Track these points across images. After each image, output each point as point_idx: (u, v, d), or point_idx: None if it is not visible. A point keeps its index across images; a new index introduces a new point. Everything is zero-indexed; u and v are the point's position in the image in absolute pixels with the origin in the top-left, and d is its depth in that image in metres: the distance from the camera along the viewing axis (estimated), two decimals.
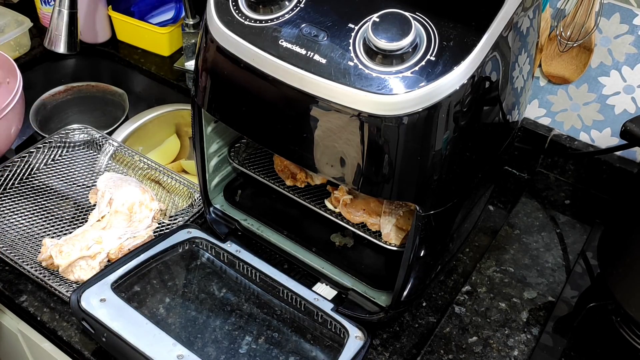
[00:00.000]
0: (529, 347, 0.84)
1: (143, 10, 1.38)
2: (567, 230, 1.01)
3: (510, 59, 0.71)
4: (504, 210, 1.05)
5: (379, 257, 0.90)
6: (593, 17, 0.93)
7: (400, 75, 0.62)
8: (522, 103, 0.84)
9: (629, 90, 0.98)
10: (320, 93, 0.65)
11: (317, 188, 0.91)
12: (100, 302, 0.78)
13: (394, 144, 0.65)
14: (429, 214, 0.70)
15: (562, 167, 1.08)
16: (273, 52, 0.67)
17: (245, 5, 0.70)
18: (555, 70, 1.01)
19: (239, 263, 0.88)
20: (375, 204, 0.85)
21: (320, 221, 0.92)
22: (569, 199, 1.06)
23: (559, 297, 0.90)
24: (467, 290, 0.91)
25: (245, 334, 0.80)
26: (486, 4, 0.66)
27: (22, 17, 1.32)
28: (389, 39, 0.61)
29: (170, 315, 0.82)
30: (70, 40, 1.08)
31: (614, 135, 1.03)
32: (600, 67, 0.98)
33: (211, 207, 0.95)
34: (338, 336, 0.80)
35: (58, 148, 1.08)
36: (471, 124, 0.67)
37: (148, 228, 0.93)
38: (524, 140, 1.08)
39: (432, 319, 0.88)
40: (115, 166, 1.08)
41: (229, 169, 0.97)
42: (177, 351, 0.74)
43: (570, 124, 1.06)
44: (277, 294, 0.85)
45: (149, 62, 1.34)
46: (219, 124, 0.88)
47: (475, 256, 0.97)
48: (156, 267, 0.87)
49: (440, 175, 0.67)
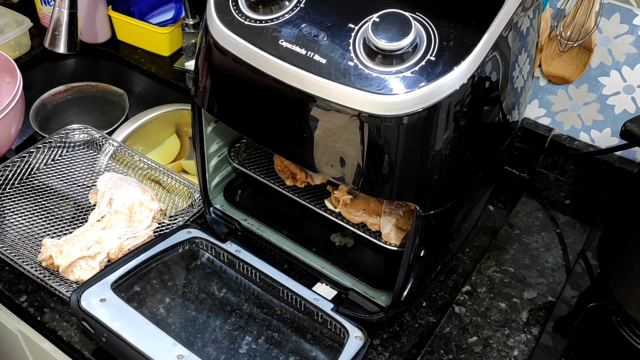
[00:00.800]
0: (529, 347, 0.84)
1: (143, 10, 1.38)
2: (567, 230, 1.01)
3: (510, 59, 0.71)
4: (504, 210, 1.05)
5: (379, 257, 0.90)
6: (593, 17, 0.93)
7: (400, 75, 0.62)
8: (522, 103, 0.84)
9: (629, 90, 0.98)
10: (320, 93, 0.65)
11: (317, 188, 0.91)
12: (100, 302, 0.78)
13: (394, 144, 0.65)
14: (429, 214, 0.70)
15: (562, 167, 1.08)
16: (273, 52, 0.67)
17: (245, 5, 0.70)
18: (555, 70, 1.01)
19: (239, 263, 0.88)
20: (375, 204, 0.85)
21: (320, 221, 0.92)
22: (569, 199, 1.06)
23: (559, 297, 0.90)
24: (467, 290, 0.91)
25: (245, 334, 0.80)
26: (486, 4, 0.66)
27: (22, 17, 1.32)
28: (389, 39, 0.61)
29: (170, 315, 0.82)
30: (70, 40, 1.08)
31: (614, 135, 1.03)
32: (600, 67, 0.98)
33: (211, 207, 0.95)
34: (338, 336, 0.80)
35: (58, 148, 1.08)
36: (471, 124, 0.67)
37: (148, 228, 0.93)
38: (524, 140, 1.08)
39: (432, 319, 0.88)
40: (115, 166, 1.08)
41: (229, 169, 0.97)
42: (177, 351, 0.74)
43: (570, 124, 1.06)
44: (277, 294, 0.85)
45: (149, 62, 1.34)
46: (219, 124, 0.88)
47: (475, 256, 0.97)
48: (156, 267, 0.87)
49: (440, 175, 0.67)
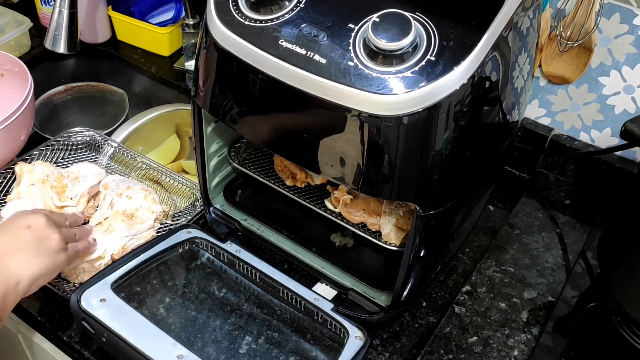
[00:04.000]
0: (529, 347, 0.84)
1: (143, 10, 1.38)
2: (567, 230, 1.01)
3: (510, 59, 0.71)
4: (504, 210, 1.05)
5: (379, 257, 0.90)
6: (593, 17, 0.93)
7: (400, 75, 0.62)
8: (522, 103, 0.84)
9: (629, 90, 0.98)
10: (320, 93, 0.65)
11: (317, 188, 0.91)
12: (100, 302, 0.78)
13: (394, 144, 0.64)
14: (429, 214, 0.70)
15: (562, 167, 1.08)
16: (273, 52, 0.67)
17: (245, 5, 0.70)
18: (555, 70, 1.01)
19: (239, 263, 0.88)
20: (375, 204, 0.85)
21: (320, 221, 0.92)
22: (569, 199, 1.06)
23: (559, 297, 0.90)
24: (467, 290, 0.91)
25: (245, 334, 0.80)
26: (486, 4, 0.66)
27: (22, 17, 1.31)
28: (389, 39, 0.61)
29: (170, 315, 0.82)
30: (71, 40, 1.08)
31: (614, 135, 1.03)
32: (600, 67, 0.98)
33: (211, 207, 0.95)
34: (338, 336, 0.80)
35: (60, 150, 1.08)
36: (471, 124, 0.67)
37: (151, 229, 0.93)
38: (524, 140, 1.08)
39: (432, 319, 0.88)
40: (115, 167, 1.07)
41: (229, 169, 0.97)
42: (177, 351, 0.74)
43: (570, 124, 1.06)
44: (277, 294, 0.85)
45: (149, 62, 1.34)
46: (219, 124, 0.88)
47: (475, 256, 0.97)
48: (156, 267, 0.87)
49: (440, 175, 0.67)
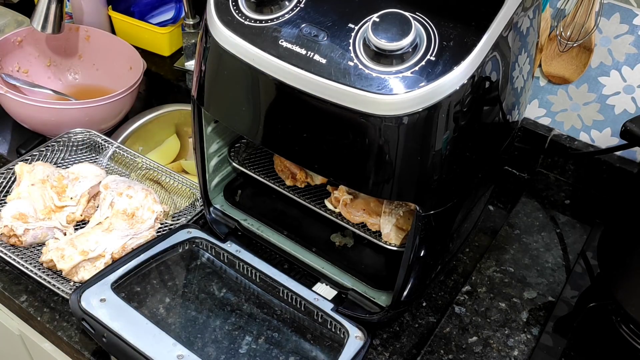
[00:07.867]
0: (529, 347, 0.84)
1: (143, 10, 1.38)
2: (567, 230, 1.01)
3: (510, 59, 0.71)
4: (504, 210, 1.05)
5: (379, 257, 0.90)
6: (593, 17, 0.93)
7: (400, 75, 0.62)
8: (522, 103, 0.84)
9: (629, 90, 0.98)
10: (320, 93, 0.65)
11: (317, 188, 0.91)
12: (100, 302, 0.78)
13: (394, 144, 0.64)
14: (429, 214, 0.70)
15: (562, 167, 1.08)
16: (273, 52, 0.67)
17: (245, 5, 0.70)
18: (555, 70, 1.01)
19: (239, 263, 0.88)
20: (375, 204, 0.85)
21: (320, 221, 0.92)
22: (569, 199, 1.06)
23: (559, 297, 0.90)
24: (467, 290, 0.91)
25: (245, 334, 0.80)
26: (486, 4, 0.66)
27: (22, 17, 1.32)
28: (389, 39, 0.61)
29: (170, 315, 0.82)
30: (59, 22, 1.13)
31: (614, 135, 1.03)
32: (600, 67, 0.98)
33: (211, 207, 0.95)
34: (338, 336, 0.80)
35: (60, 151, 1.08)
36: (471, 124, 0.67)
37: (151, 229, 0.93)
38: (524, 140, 1.08)
39: (432, 319, 0.88)
40: (115, 167, 1.07)
41: (229, 169, 0.97)
42: (177, 351, 0.74)
43: (570, 124, 1.06)
44: (277, 294, 0.85)
45: (149, 62, 1.33)
46: (219, 124, 0.88)
47: (475, 256, 0.97)
48: (156, 267, 0.87)
49: (440, 175, 0.67)
